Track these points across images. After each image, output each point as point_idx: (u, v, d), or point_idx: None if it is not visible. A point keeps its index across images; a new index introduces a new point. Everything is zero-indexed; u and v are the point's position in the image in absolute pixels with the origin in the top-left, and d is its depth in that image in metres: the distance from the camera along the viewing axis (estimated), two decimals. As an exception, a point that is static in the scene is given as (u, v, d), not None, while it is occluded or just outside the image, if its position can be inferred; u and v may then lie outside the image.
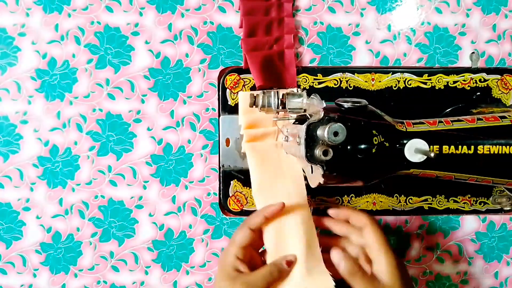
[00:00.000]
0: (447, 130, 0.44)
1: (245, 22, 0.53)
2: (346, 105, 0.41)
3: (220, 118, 0.55)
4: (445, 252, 0.58)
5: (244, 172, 0.55)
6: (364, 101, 0.42)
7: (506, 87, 0.56)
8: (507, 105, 0.56)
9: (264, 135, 0.54)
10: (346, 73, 0.55)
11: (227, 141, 0.55)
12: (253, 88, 0.54)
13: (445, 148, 0.43)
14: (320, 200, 0.56)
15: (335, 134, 0.38)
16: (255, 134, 0.53)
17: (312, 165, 0.42)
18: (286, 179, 0.52)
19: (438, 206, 0.57)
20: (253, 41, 0.53)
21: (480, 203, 0.57)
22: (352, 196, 0.56)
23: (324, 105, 0.41)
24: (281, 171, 0.53)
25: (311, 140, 0.40)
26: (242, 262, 0.45)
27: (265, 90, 0.46)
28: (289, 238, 0.48)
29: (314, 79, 0.55)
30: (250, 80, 0.54)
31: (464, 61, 0.56)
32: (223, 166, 0.55)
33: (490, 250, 0.59)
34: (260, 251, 0.49)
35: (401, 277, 0.44)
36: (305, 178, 0.52)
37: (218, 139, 0.56)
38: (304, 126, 0.40)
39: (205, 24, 0.55)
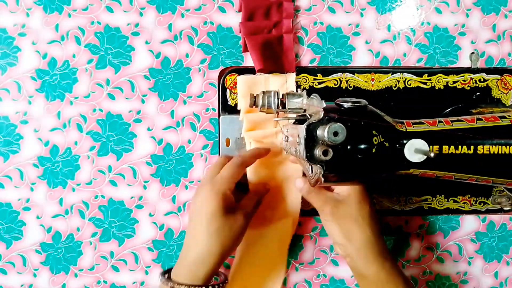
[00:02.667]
0: (447, 130, 0.44)
1: (244, 5, 0.53)
2: (346, 105, 0.41)
3: (220, 118, 0.55)
4: (445, 252, 0.58)
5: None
6: (364, 101, 0.42)
7: (506, 87, 0.56)
8: (507, 105, 0.56)
9: (263, 122, 0.54)
10: (346, 73, 0.55)
11: (227, 141, 0.55)
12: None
13: (445, 148, 0.43)
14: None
15: (335, 134, 0.38)
16: (256, 119, 0.54)
17: (312, 165, 0.42)
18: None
19: (438, 206, 0.57)
20: (252, 25, 0.53)
21: (480, 203, 0.57)
22: (352, 196, 0.56)
23: (324, 105, 0.41)
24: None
25: (311, 140, 0.40)
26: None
27: (265, 91, 0.46)
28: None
29: (314, 79, 0.55)
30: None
31: (464, 61, 0.56)
32: (223, 166, 0.55)
33: (490, 250, 0.59)
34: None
35: (360, 191, 0.48)
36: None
37: (218, 139, 0.56)
38: (304, 126, 0.40)
39: (205, 24, 0.55)
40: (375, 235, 0.48)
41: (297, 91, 0.54)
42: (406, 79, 0.55)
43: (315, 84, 0.55)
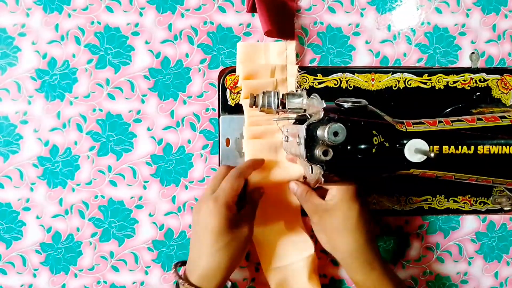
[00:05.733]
0: (447, 130, 0.44)
1: None
2: (346, 105, 0.41)
3: (220, 118, 0.55)
4: (445, 252, 0.58)
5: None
6: (364, 101, 0.42)
7: (506, 87, 0.56)
8: (507, 105, 0.56)
9: (262, 89, 0.54)
10: (346, 73, 0.55)
11: (227, 141, 0.55)
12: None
13: (445, 148, 0.43)
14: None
15: (335, 134, 0.38)
16: (255, 86, 0.53)
17: (312, 165, 0.42)
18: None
19: (438, 206, 0.57)
20: None
21: (480, 203, 0.57)
22: (352, 196, 0.56)
23: (324, 105, 0.41)
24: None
25: (311, 140, 0.40)
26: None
27: (265, 91, 0.46)
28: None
29: (314, 79, 0.55)
30: (250, 80, 0.54)
31: (464, 61, 0.56)
32: (223, 166, 0.55)
33: (490, 250, 0.59)
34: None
35: (348, 199, 0.47)
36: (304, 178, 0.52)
37: (218, 139, 0.56)
38: (304, 126, 0.40)
39: (205, 24, 0.55)
40: (361, 246, 0.47)
41: (297, 91, 0.54)
42: (406, 79, 0.55)
43: (315, 84, 0.55)
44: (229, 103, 0.55)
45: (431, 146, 0.42)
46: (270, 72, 0.54)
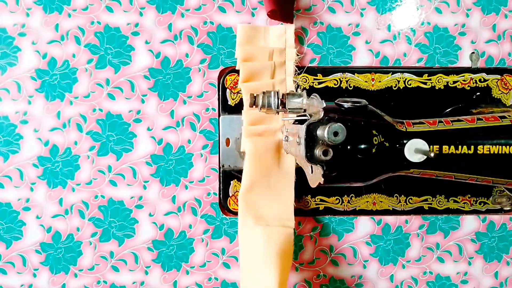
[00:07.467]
0: (447, 130, 0.44)
1: None
2: (346, 105, 0.41)
3: (220, 118, 0.55)
4: (445, 252, 0.58)
5: (244, 172, 0.55)
6: (364, 101, 0.42)
7: (506, 87, 0.56)
8: (507, 105, 0.56)
9: (260, 72, 0.54)
10: (346, 73, 0.55)
11: (227, 141, 0.55)
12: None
13: (445, 148, 0.43)
14: (320, 200, 0.56)
15: (335, 134, 0.38)
16: (253, 70, 0.53)
17: (312, 165, 0.42)
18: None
19: (438, 206, 0.57)
20: None
21: (480, 203, 0.57)
22: (352, 196, 0.56)
23: (324, 105, 0.41)
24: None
25: (311, 140, 0.40)
26: None
27: (265, 91, 0.46)
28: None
29: (314, 79, 0.55)
30: (250, 80, 0.54)
31: (464, 61, 0.56)
32: (223, 166, 0.55)
33: (490, 250, 0.59)
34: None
35: None
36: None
37: (218, 139, 0.56)
38: (304, 126, 0.40)
39: (205, 24, 0.55)
40: None
41: (297, 91, 0.54)
42: (406, 79, 0.55)
43: (315, 84, 0.55)
44: (229, 103, 0.55)
45: (431, 146, 0.42)
46: (268, 54, 0.54)
